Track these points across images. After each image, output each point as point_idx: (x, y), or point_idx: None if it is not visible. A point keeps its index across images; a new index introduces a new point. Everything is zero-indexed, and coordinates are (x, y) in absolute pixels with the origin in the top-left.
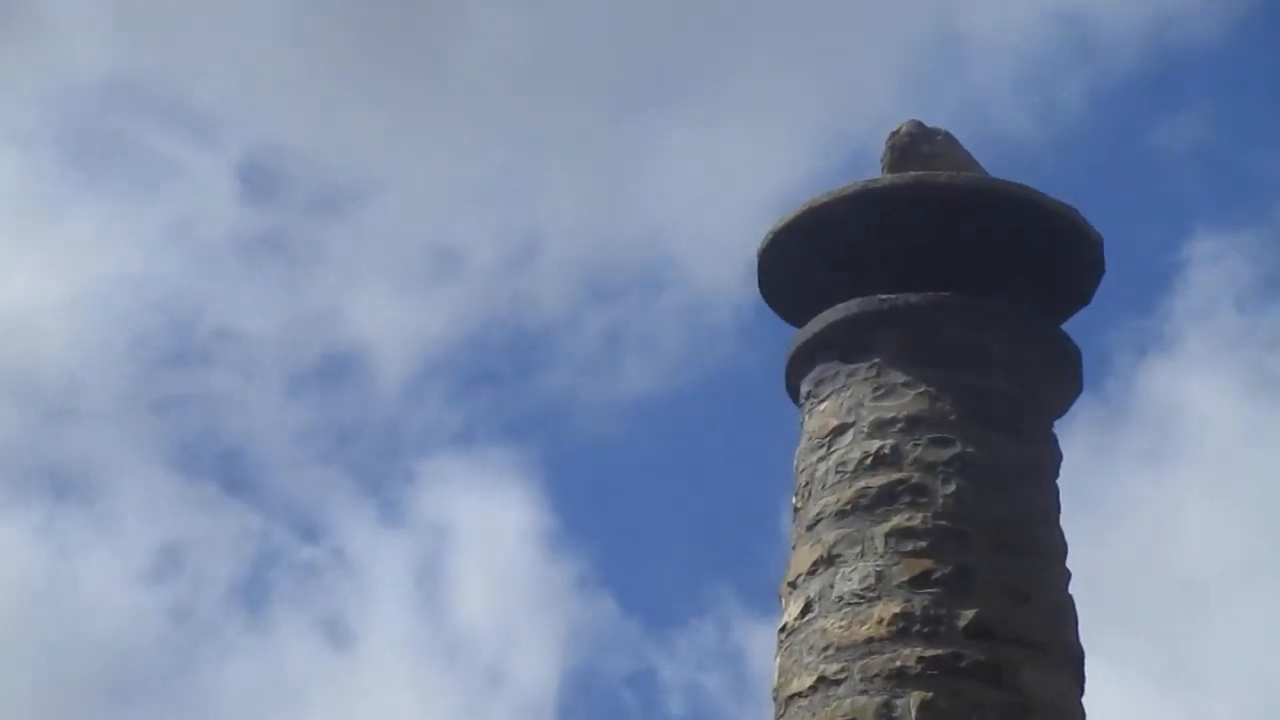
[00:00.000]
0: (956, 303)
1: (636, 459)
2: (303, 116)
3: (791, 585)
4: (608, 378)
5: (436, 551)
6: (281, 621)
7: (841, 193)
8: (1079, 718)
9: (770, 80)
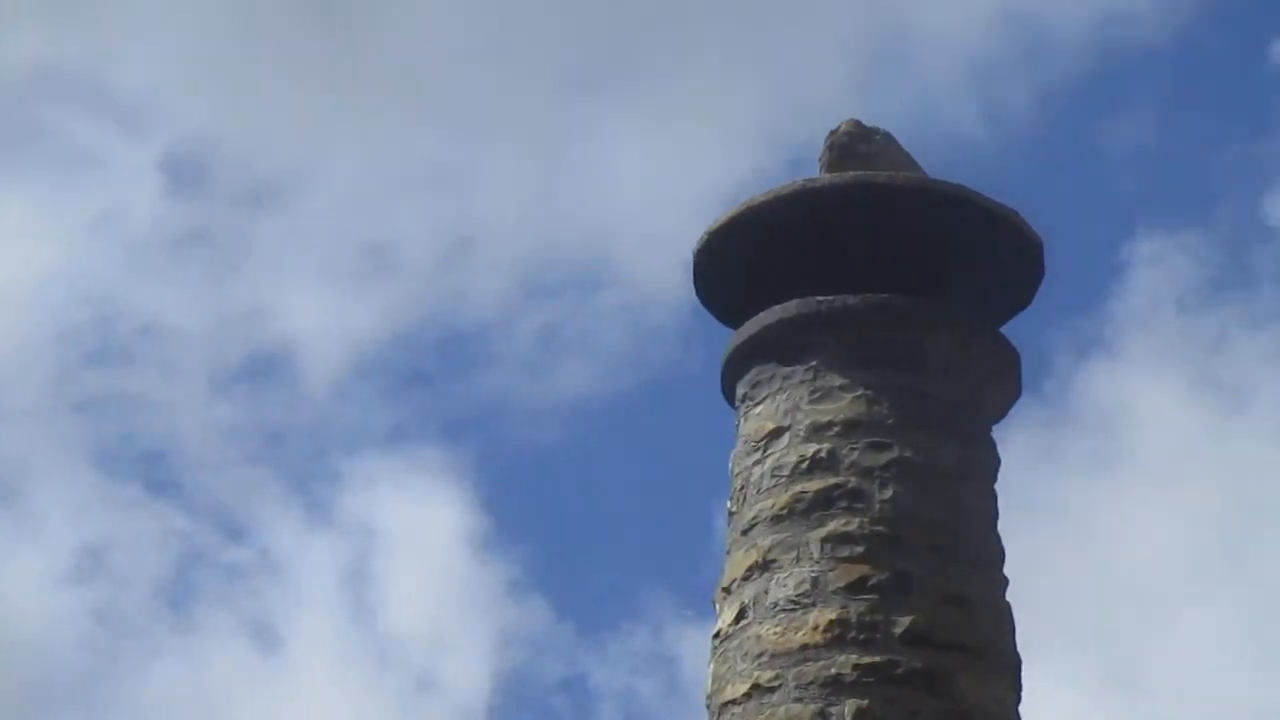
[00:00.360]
0: (895, 305)
1: (571, 461)
2: (230, 107)
3: (726, 591)
4: (544, 378)
5: (366, 553)
6: (207, 624)
7: (779, 192)
8: None
9: (714, 76)
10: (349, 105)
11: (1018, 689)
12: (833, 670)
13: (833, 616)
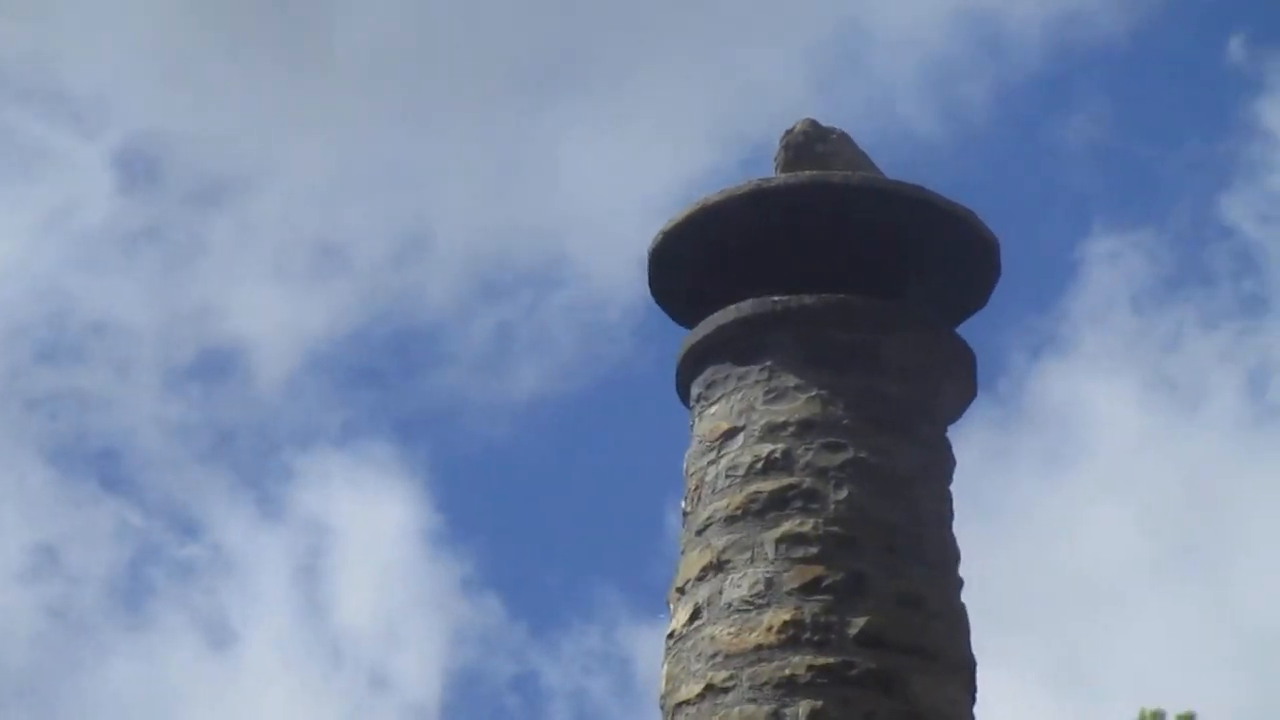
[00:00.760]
0: (850, 304)
1: (524, 459)
2: (182, 104)
3: (680, 591)
4: (497, 376)
5: (318, 550)
6: (160, 620)
7: (734, 191)
8: None
9: (669, 76)
10: (303, 103)
11: (973, 690)
12: (787, 671)
13: (787, 617)
